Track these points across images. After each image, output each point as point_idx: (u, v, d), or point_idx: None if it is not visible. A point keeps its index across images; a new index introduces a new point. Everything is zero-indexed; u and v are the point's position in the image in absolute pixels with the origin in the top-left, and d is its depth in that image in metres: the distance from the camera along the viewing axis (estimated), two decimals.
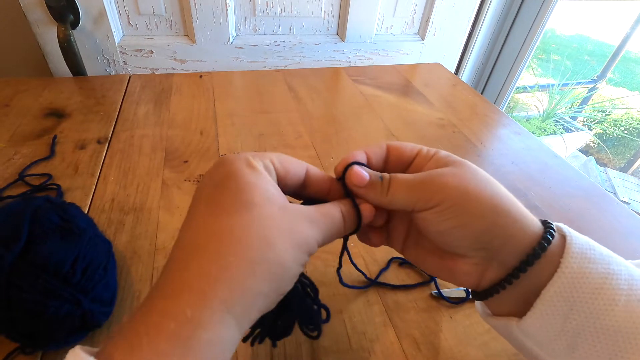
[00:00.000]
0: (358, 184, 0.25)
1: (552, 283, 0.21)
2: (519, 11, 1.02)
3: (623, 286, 0.21)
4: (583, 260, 0.22)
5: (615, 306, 0.21)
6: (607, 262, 0.22)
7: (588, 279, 0.21)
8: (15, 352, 0.30)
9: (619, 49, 2.90)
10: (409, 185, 0.24)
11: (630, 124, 3.07)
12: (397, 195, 0.24)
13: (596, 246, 0.23)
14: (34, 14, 0.66)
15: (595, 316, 0.21)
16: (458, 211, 0.22)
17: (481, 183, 0.23)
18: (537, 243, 0.22)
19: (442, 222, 0.23)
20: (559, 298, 0.21)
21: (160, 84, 0.71)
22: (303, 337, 0.33)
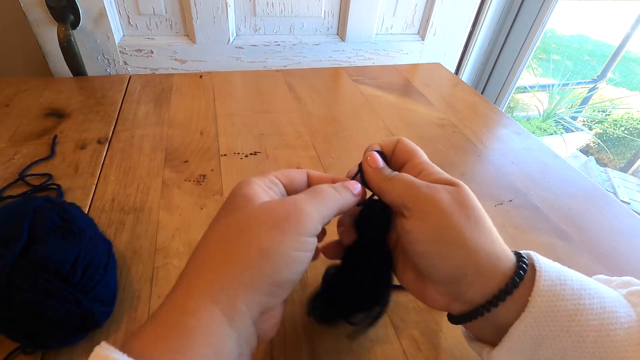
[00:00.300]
0: (371, 164, 0.27)
1: (519, 322, 0.22)
2: (519, 11, 1.02)
3: (593, 321, 0.21)
4: (551, 298, 0.21)
5: (583, 343, 0.21)
6: (578, 296, 0.22)
7: (556, 317, 0.21)
8: (15, 352, 0.30)
9: (619, 49, 2.90)
10: (412, 184, 0.25)
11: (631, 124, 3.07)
12: (396, 185, 0.26)
13: (568, 279, 0.22)
14: (34, 14, 0.66)
15: (563, 352, 0.21)
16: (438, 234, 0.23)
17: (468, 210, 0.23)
18: (505, 284, 0.22)
19: (421, 243, 0.24)
20: (525, 336, 0.22)
21: (161, 84, 0.71)
22: (303, 337, 0.33)
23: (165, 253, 0.39)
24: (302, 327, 0.34)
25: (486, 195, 0.52)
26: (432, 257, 0.24)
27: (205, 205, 0.45)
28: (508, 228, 0.47)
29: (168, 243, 0.40)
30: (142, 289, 0.36)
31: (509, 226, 0.47)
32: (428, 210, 0.23)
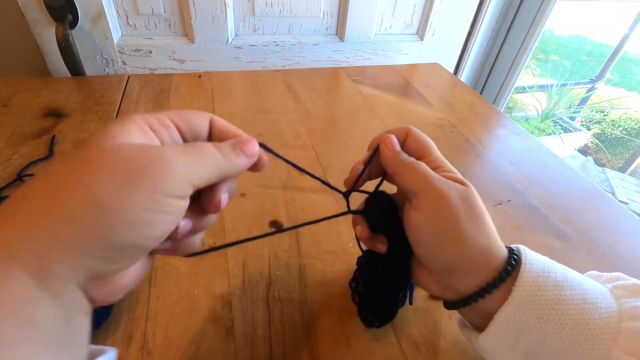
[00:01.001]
0: (391, 147, 0.27)
1: (502, 309, 0.23)
2: (518, 11, 1.02)
3: (573, 311, 0.23)
4: (534, 288, 0.23)
5: (562, 330, 0.22)
6: (560, 287, 0.23)
7: (537, 305, 0.23)
8: None
9: (617, 49, 2.91)
10: (427, 174, 0.25)
11: (629, 124, 3.08)
12: (412, 172, 0.26)
13: (552, 272, 0.24)
14: (33, 13, 0.66)
15: (543, 339, 0.23)
16: (442, 230, 0.24)
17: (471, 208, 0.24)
18: (492, 278, 0.24)
19: (427, 234, 0.25)
20: (509, 323, 0.23)
21: (159, 84, 0.71)
22: (302, 337, 0.33)
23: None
24: (301, 327, 0.34)
25: (485, 195, 0.52)
26: (432, 249, 0.25)
27: None
28: (507, 228, 0.47)
29: None
30: (141, 289, 0.36)
31: (508, 226, 0.47)
32: (437, 205, 0.24)
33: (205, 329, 0.33)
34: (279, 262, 0.39)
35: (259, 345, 0.32)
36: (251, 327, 0.33)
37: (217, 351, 0.32)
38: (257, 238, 0.27)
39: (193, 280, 0.37)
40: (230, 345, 0.32)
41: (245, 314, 0.34)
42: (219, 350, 0.32)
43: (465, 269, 0.24)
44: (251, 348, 0.32)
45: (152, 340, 0.32)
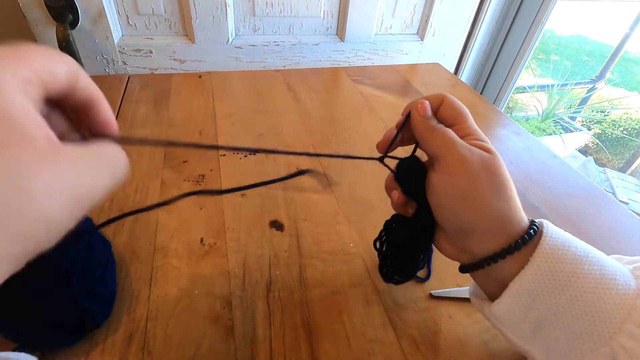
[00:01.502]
0: (420, 112, 0.27)
1: (517, 278, 0.24)
2: (518, 11, 1.02)
3: (589, 284, 0.23)
4: (552, 260, 0.24)
5: (576, 301, 0.23)
6: (579, 262, 0.24)
7: (553, 276, 0.23)
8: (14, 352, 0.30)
9: (617, 49, 2.91)
10: (453, 140, 0.26)
11: (629, 124, 3.08)
12: (439, 138, 0.26)
13: (573, 247, 0.24)
14: (33, 13, 0.66)
15: (556, 309, 0.23)
16: (459, 190, 0.25)
17: (492, 175, 0.25)
18: (508, 245, 0.25)
19: (444, 196, 0.26)
20: (523, 291, 0.24)
21: (160, 84, 0.71)
22: (302, 337, 0.33)
23: (164, 253, 0.39)
24: (302, 327, 0.34)
25: None
26: (449, 211, 0.26)
27: (204, 206, 0.45)
28: None
29: (167, 243, 0.40)
30: (141, 289, 0.36)
31: None
32: (457, 170, 0.25)
33: (205, 329, 0.33)
34: (279, 262, 0.39)
35: (259, 345, 0.32)
36: (251, 327, 0.33)
37: (217, 351, 0.32)
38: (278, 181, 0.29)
39: (193, 280, 0.37)
40: (231, 345, 0.32)
41: (246, 313, 0.34)
42: (219, 350, 0.32)
43: (481, 232, 0.25)
44: (251, 348, 0.32)
45: (152, 340, 0.32)
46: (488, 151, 0.25)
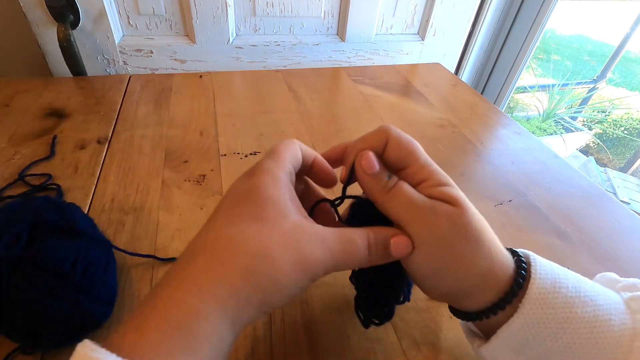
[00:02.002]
0: (366, 169, 0.24)
1: (507, 325, 0.23)
2: (519, 11, 1.02)
3: (583, 329, 0.22)
4: (542, 306, 0.22)
5: (570, 348, 0.22)
6: (570, 304, 0.22)
7: (544, 323, 0.22)
8: (15, 352, 0.30)
9: (618, 49, 2.90)
10: (411, 202, 0.23)
11: (630, 124, 3.08)
12: (395, 201, 0.23)
13: (564, 287, 0.22)
14: (34, 13, 0.66)
15: (549, 355, 0.22)
16: (438, 262, 0.23)
17: (468, 231, 0.22)
18: (498, 299, 0.23)
19: (421, 269, 0.24)
20: (512, 337, 0.23)
21: (160, 84, 0.71)
22: (302, 337, 0.33)
23: (165, 253, 0.39)
24: (302, 327, 0.34)
25: (486, 195, 0.52)
26: (429, 281, 0.24)
27: (205, 205, 0.45)
28: (508, 228, 0.47)
29: (168, 243, 0.40)
30: (142, 289, 0.36)
31: (509, 226, 0.47)
32: (426, 239, 0.23)
33: None
34: None
35: (259, 345, 0.32)
36: (251, 327, 0.33)
37: None
38: None
39: None
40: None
41: None
42: None
43: (467, 293, 0.24)
44: (252, 348, 0.32)
45: None
46: (453, 201, 0.22)
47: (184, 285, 0.19)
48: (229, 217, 0.22)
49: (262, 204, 0.22)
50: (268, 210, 0.22)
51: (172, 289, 0.19)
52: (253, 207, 0.22)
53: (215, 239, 0.21)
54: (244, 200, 0.22)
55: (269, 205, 0.22)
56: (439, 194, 0.23)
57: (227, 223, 0.22)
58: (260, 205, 0.22)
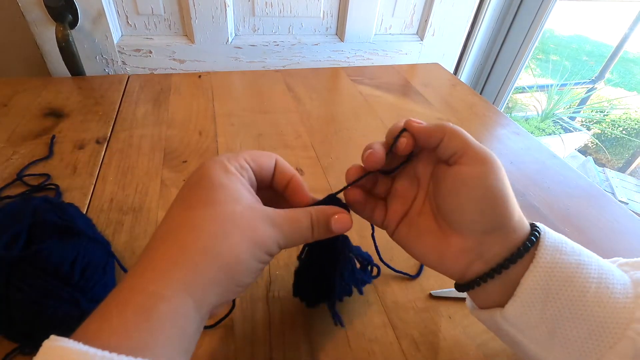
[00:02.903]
0: (418, 122, 0.27)
1: (528, 273, 0.24)
2: (518, 11, 1.02)
3: (593, 275, 0.23)
4: (555, 252, 0.24)
5: (587, 293, 0.23)
6: (577, 254, 0.24)
7: (561, 268, 0.23)
8: (14, 352, 0.30)
9: (617, 49, 2.91)
10: (465, 133, 0.27)
11: (629, 124, 3.08)
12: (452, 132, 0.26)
13: (568, 241, 0.25)
14: (33, 13, 0.66)
15: (569, 304, 0.23)
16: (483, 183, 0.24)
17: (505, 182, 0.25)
18: (522, 244, 0.24)
19: (471, 182, 0.24)
20: (535, 287, 0.23)
21: (159, 84, 0.71)
22: (301, 338, 0.33)
23: None
24: (301, 327, 0.34)
25: None
26: (484, 203, 0.24)
27: None
28: None
29: None
30: None
31: None
32: (486, 160, 0.25)
33: (204, 328, 0.33)
34: (279, 262, 0.39)
35: (258, 346, 0.32)
36: (251, 327, 0.33)
37: (217, 351, 0.32)
38: None
39: None
40: (230, 346, 0.32)
41: (245, 313, 0.34)
42: (218, 351, 0.32)
43: (507, 229, 0.24)
44: (251, 348, 0.32)
45: None
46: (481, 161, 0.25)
47: (146, 274, 0.20)
48: (184, 204, 0.23)
49: (214, 190, 0.23)
50: (220, 194, 0.23)
51: (134, 279, 0.20)
52: (205, 193, 0.23)
53: (174, 226, 0.22)
54: (196, 187, 0.24)
55: (221, 190, 0.23)
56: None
57: (183, 209, 0.23)
58: (212, 190, 0.23)
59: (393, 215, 0.29)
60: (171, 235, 0.22)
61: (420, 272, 0.40)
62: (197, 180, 0.24)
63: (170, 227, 0.23)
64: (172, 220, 0.23)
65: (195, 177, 0.24)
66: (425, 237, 0.27)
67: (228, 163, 0.25)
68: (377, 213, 0.30)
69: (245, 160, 0.26)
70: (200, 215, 0.22)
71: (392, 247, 0.32)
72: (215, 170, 0.24)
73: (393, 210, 0.29)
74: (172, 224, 0.23)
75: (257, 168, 0.27)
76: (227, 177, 0.24)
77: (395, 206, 0.29)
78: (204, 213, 0.22)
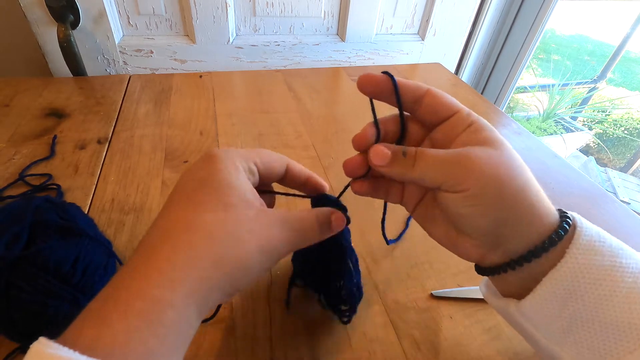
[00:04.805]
0: (380, 163, 0.25)
1: (554, 271, 0.22)
2: (519, 11, 1.02)
3: (627, 279, 0.21)
4: (589, 252, 0.22)
5: (615, 297, 0.21)
6: (615, 254, 0.22)
7: (591, 270, 0.21)
8: (15, 352, 0.30)
9: (619, 49, 2.90)
10: (439, 162, 0.23)
11: (631, 124, 3.08)
12: (424, 171, 0.23)
13: (607, 238, 0.23)
14: (34, 13, 0.66)
15: (593, 306, 0.21)
16: (481, 200, 0.22)
17: (513, 171, 0.23)
18: (548, 237, 0.22)
19: (462, 207, 0.23)
20: (559, 286, 0.22)
21: (160, 84, 0.71)
22: (303, 337, 0.33)
23: None
24: (302, 327, 0.34)
25: None
26: (477, 217, 0.23)
27: None
28: None
29: None
30: None
31: None
32: (472, 185, 0.22)
33: (205, 328, 0.33)
34: (280, 262, 0.39)
35: (259, 345, 0.32)
36: (252, 327, 0.33)
37: (218, 351, 0.32)
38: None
39: None
40: (231, 346, 0.32)
41: (246, 313, 0.34)
42: (219, 350, 0.32)
43: (515, 225, 0.22)
44: (252, 348, 0.32)
45: None
46: (491, 144, 0.23)
47: (151, 277, 0.19)
48: (191, 203, 0.22)
49: (225, 191, 0.22)
50: (232, 197, 0.22)
51: (133, 280, 0.19)
52: (216, 194, 0.22)
53: (179, 226, 0.21)
54: (204, 186, 0.22)
55: (232, 192, 0.22)
56: (468, 136, 0.24)
57: (190, 210, 0.22)
58: (223, 192, 0.22)
59: (409, 198, 0.28)
60: (177, 236, 0.20)
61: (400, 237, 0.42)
62: (205, 177, 0.23)
63: (175, 227, 0.21)
64: (177, 219, 0.21)
65: (203, 173, 0.23)
66: (438, 225, 0.26)
67: (238, 161, 0.24)
68: (393, 196, 0.28)
69: (255, 164, 0.25)
70: (212, 220, 0.21)
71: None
72: (225, 169, 0.23)
73: (408, 192, 0.28)
74: (177, 224, 0.21)
75: (265, 172, 0.26)
76: (237, 177, 0.23)
77: (410, 189, 0.28)
78: (216, 217, 0.21)
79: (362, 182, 0.27)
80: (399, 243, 0.43)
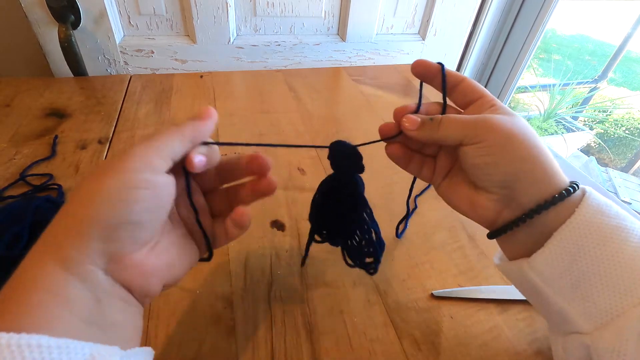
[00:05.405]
0: (411, 127, 0.28)
1: (564, 226, 0.24)
2: (520, 11, 1.02)
3: (632, 238, 0.23)
4: (597, 213, 0.24)
5: (622, 253, 0.23)
6: (622, 218, 0.24)
7: (599, 228, 0.23)
8: None
9: (620, 48, 2.90)
10: (461, 123, 0.26)
11: (632, 124, 3.07)
12: (448, 131, 0.27)
13: (613, 206, 0.25)
14: (35, 14, 0.66)
15: (600, 261, 0.23)
16: (496, 150, 0.25)
17: (526, 133, 0.25)
18: (558, 193, 0.24)
19: (479, 157, 0.25)
20: (568, 241, 0.24)
21: (161, 84, 0.71)
22: (303, 337, 0.33)
23: None
24: (303, 327, 0.34)
25: None
26: (491, 166, 0.25)
27: None
28: None
29: None
30: None
31: None
32: (487, 136, 0.25)
33: (206, 328, 0.33)
34: (281, 262, 0.39)
35: (260, 345, 0.32)
36: (253, 327, 0.33)
37: (219, 351, 0.32)
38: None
39: (195, 279, 0.37)
40: (232, 345, 0.32)
41: (247, 313, 0.35)
42: (220, 350, 0.32)
43: (527, 179, 0.25)
44: (252, 348, 0.32)
45: (153, 339, 0.32)
46: (507, 113, 0.27)
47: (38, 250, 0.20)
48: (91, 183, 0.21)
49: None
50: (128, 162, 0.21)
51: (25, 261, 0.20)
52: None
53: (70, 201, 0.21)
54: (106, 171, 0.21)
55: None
56: (489, 111, 0.27)
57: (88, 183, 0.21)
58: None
59: (439, 172, 0.31)
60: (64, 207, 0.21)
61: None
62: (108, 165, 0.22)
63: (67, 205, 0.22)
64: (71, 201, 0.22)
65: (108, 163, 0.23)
66: (459, 189, 0.29)
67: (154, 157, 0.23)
68: (425, 171, 0.31)
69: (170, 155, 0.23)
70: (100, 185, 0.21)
71: None
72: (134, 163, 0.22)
73: (439, 167, 0.31)
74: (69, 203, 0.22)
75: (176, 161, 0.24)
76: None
77: (441, 163, 0.30)
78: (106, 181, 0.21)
79: (394, 145, 0.31)
80: (399, 243, 0.43)
